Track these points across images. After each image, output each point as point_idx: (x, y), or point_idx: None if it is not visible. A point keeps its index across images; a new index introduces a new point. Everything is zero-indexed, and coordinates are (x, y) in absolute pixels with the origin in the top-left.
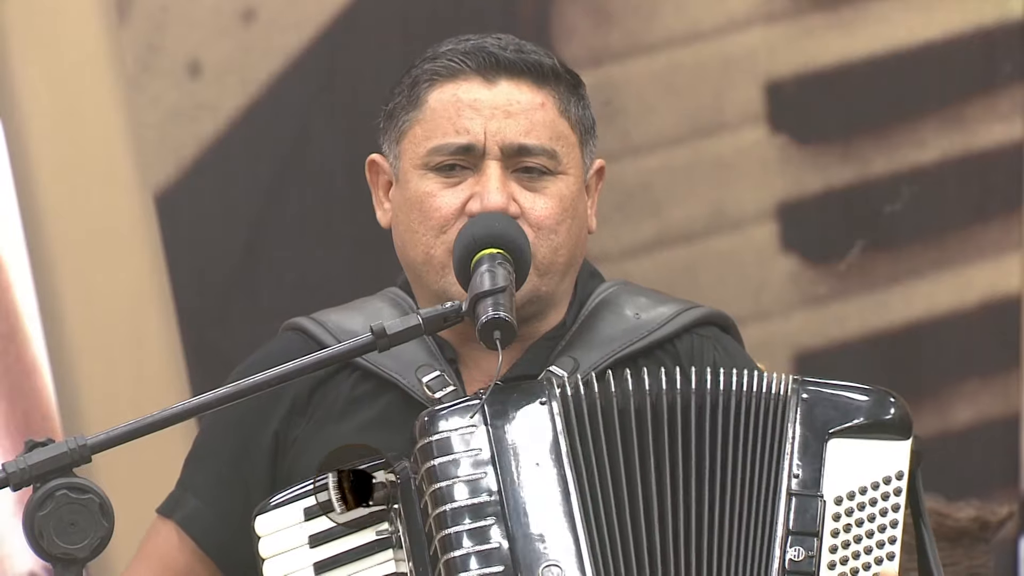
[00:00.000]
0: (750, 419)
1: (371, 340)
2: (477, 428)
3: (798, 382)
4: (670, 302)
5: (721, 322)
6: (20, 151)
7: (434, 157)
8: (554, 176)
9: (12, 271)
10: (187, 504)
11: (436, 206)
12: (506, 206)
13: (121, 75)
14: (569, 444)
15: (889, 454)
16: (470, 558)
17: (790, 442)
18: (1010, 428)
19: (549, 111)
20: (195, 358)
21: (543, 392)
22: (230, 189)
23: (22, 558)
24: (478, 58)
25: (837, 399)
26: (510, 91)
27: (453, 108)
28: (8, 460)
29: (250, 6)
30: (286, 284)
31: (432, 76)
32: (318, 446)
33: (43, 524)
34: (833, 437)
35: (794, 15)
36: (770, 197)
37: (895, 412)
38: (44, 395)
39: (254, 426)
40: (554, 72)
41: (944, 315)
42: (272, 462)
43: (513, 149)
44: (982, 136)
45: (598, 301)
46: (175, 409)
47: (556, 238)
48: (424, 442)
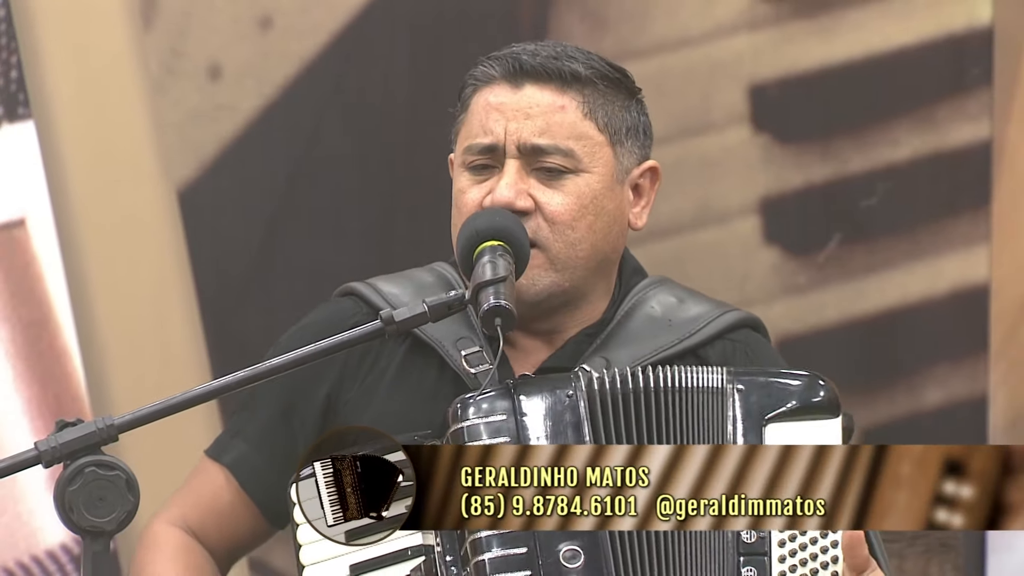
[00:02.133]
0: (695, 411)
1: (380, 327)
2: (507, 417)
3: (732, 374)
4: (703, 303)
5: (753, 324)
6: (52, 149)
7: (468, 156)
8: (574, 174)
9: (44, 262)
10: (236, 448)
11: (465, 201)
12: (513, 201)
13: (146, 78)
14: (593, 435)
15: (822, 433)
16: (494, 538)
17: (730, 432)
18: (978, 408)
19: (570, 113)
20: (215, 343)
21: (571, 385)
22: (248, 185)
23: (53, 530)
24: (506, 64)
25: (770, 386)
26: (532, 94)
27: (484, 111)
28: (40, 439)
29: (267, 14)
30: (300, 274)
31: (474, 82)
32: (370, 412)
33: (73, 499)
34: (770, 422)
35: (776, 23)
36: (753, 193)
37: (824, 394)
38: (74, 378)
39: (307, 383)
40: (577, 77)
41: (916, 303)
42: (322, 421)
43: (528, 148)
44: (952, 136)
45: (634, 301)
46: (197, 391)
47: (573, 233)
48: (456, 427)
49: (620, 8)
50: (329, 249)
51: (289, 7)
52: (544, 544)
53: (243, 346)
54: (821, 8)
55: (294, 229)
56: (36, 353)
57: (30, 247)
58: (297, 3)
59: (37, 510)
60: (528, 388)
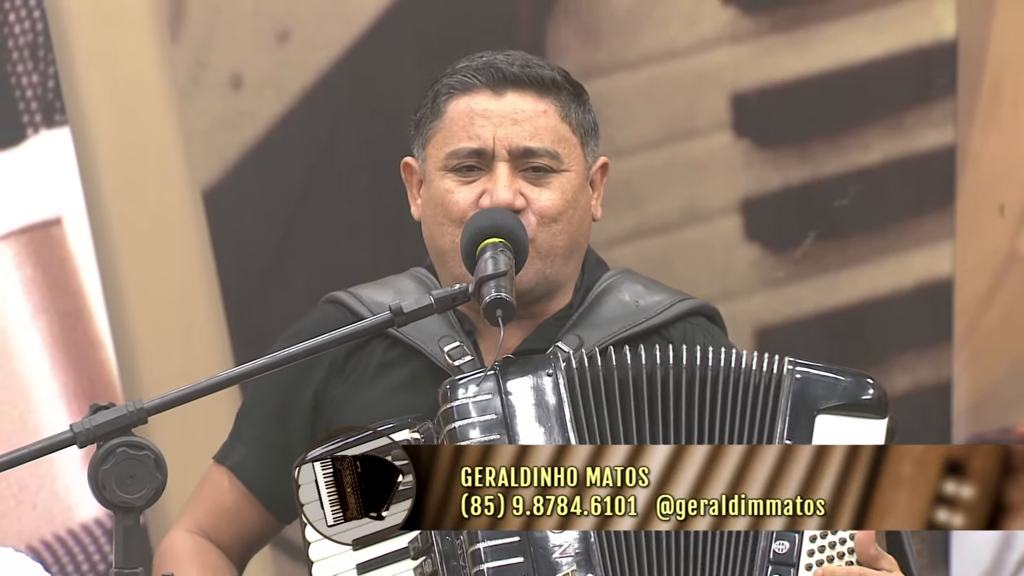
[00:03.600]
0: (747, 393)
1: (389, 317)
2: (492, 396)
3: (792, 363)
4: (665, 292)
5: (709, 312)
6: (86, 153)
7: (451, 160)
8: (557, 173)
9: (79, 258)
10: (237, 452)
11: (454, 201)
12: (512, 201)
13: (173, 87)
14: (572, 410)
15: (869, 431)
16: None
17: (782, 415)
18: (942, 394)
19: (551, 117)
20: (237, 333)
21: (550, 364)
22: (268, 187)
23: (87, 506)
24: (488, 73)
25: (825, 380)
26: (516, 101)
27: (467, 117)
28: (75, 421)
29: (285, 28)
30: (317, 269)
31: (450, 90)
32: (353, 404)
33: (105, 477)
34: (821, 413)
35: (756, 36)
36: (735, 193)
37: (874, 393)
38: (107, 365)
39: (296, 386)
40: (555, 83)
41: (885, 296)
42: (312, 417)
43: (520, 151)
44: (919, 141)
45: (603, 287)
46: (221, 377)
47: (556, 226)
48: (446, 407)
49: (612, 23)
50: (343, 247)
51: (306, 22)
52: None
53: (263, 336)
54: (798, 23)
55: (310, 228)
56: (72, 342)
57: (66, 244)
58: (313, 18)
59: (73, 487)
60: (511, 369)
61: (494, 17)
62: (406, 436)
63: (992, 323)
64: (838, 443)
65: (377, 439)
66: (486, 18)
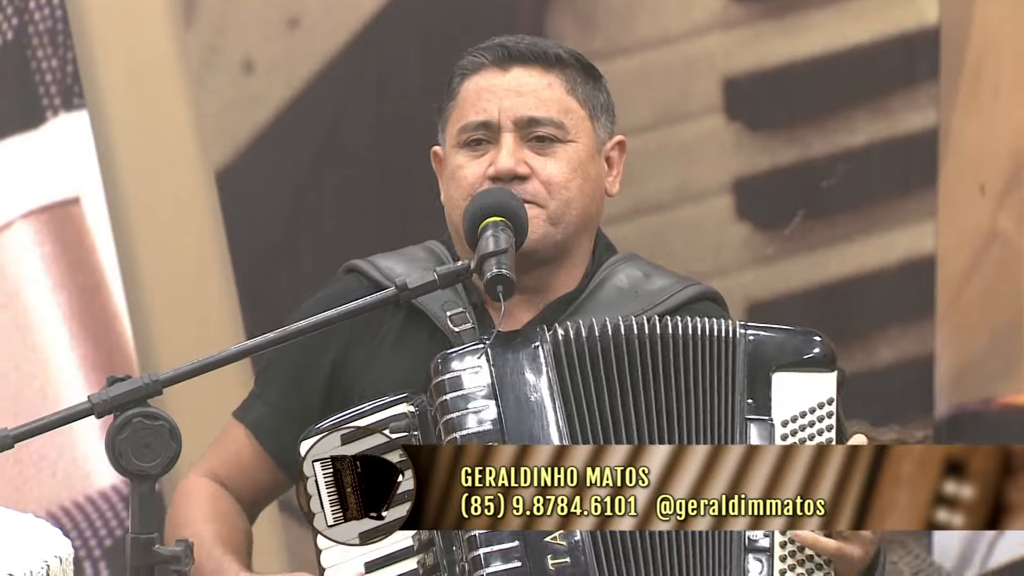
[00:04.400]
0: (704, 356)
1: (395, 293)
2: (482, 368)
3: (744, 326)
4: (669, 277)
5: (712, 296)
6: (104, 135)
7: (463, 135)
8: (563, 143)
9: (97, 235)
10: (256, 410)
11: (464, 175)
12: (514, 168)
13: (187, 72)
14: (559, 380)
15: (822, 384)
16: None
17: (741, 374)
18: (925, 366)
19: (556, 90)
20: (248, 307)
21: (536, 338)
22: (278, 167)
23: (105, 474)
24: (495, 52)
25: (776, 340)
26: (520, 75)
27: (475, 94)
28: (93, 393)
29: (295, 15)
30: (324, 245)
31: (462, 71)
32: (371, 371)
33: (122, 446)
34: (777, 371)
35: (747, 23)
36: (727, 174)
37: (823, 349)
38: (123, 338)
39: (315, 352)
40: (560, 59)
41: (871, 272)
42: (329, 383)
43: (524, 121)
44: (903, 123)
45: (605, 274)
46: (233, 350)
47: (567, 193)
48: (438, 380)
49: (607, 11)
50: (350, 224)
51: (314, 9)
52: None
53: (273, 310)
54: (787, 10)
55: (318, 206)
56: (90, 316)
57: (84, 222)
58: (321, 6)
59: (91, 455)
60: (500, 342)
61: (495, 4)
62: (403, 409)
63: (973, 298)
64: (793, 396)
65: (376, 412)
66: (487, 6)
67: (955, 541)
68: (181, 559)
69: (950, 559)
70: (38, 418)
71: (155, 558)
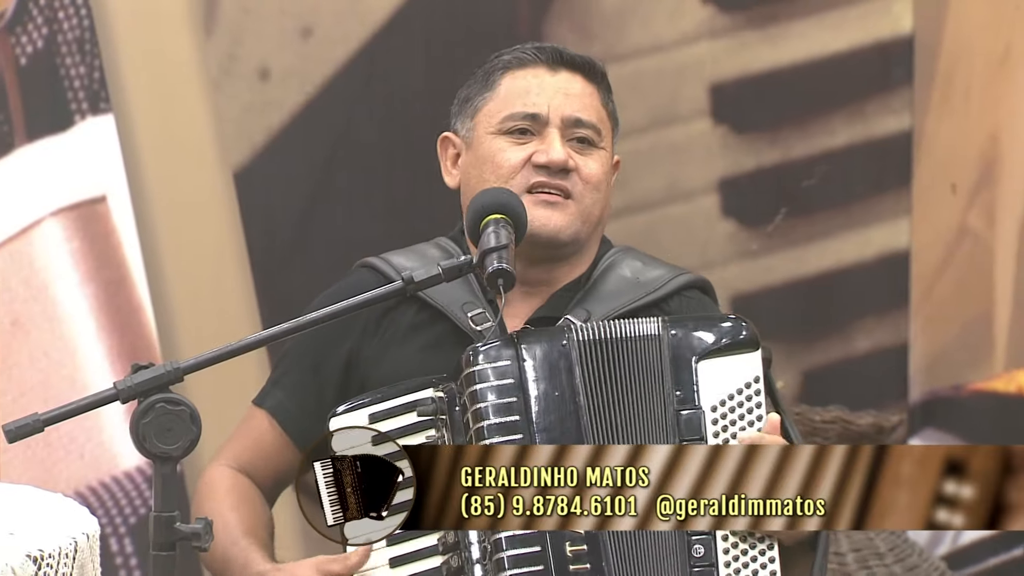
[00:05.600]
0: (637, 356)
1: (402, 286)
2: (510, 363)
3: (666, 323)
4: (663, 267)
5: (702, 285)
6: (128, 137)
7: (507, 123)
8: (598, 148)
9: (122, 232)
10: (275, 397)
11: (506, 158)
12: (566, 160)
13: (206, 78)
14: (582, 375)
15: (746, 364)
16: (516, 538)
17: (668, 370)
18: (900, 355)
19: (595, 99)
20: (265, 299)
21: (564, 335)
22: (292, 168)
23: (129, 456)
24: (547, 52)
25: (696, 331)
26: (568, 79)
27: (524, 87)
28: (118, 380)
29: (308, 25)
30: (335, 242)
31: (507, 65)
32: (386, 362)
33: (146, 429)
34: (701, 360)
35: (733, 32)
36: (713, 174)
37: (745, 331)
38: (147, 329)
39: (332, 341)
40: (601, 74)
41: (849, 267)
42: (345, 372)
43: (571, 121)
44: (879, 127)
45: (607, 263)
46: (250, 339)
47: (597, 193)
48: (468, 371)
49: (603, 20)
50: (360, 221)
51: (327, 19)
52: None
53: (288, 302)
54: (770, 20)
55: (330, 204)
56: (115, 307)
57: (110, 219)
58: (333, 16)
59: (116, 438)
60: (528, 338)
61: (496, 14)
62: (430, 394)
63: (945, 291)
64: (719, 381)
65: (405, 395)
66: (489, 15)
67: None
68: (201, 535)
69: (923, 536)
70: (67, 403)
71: (176, 535)
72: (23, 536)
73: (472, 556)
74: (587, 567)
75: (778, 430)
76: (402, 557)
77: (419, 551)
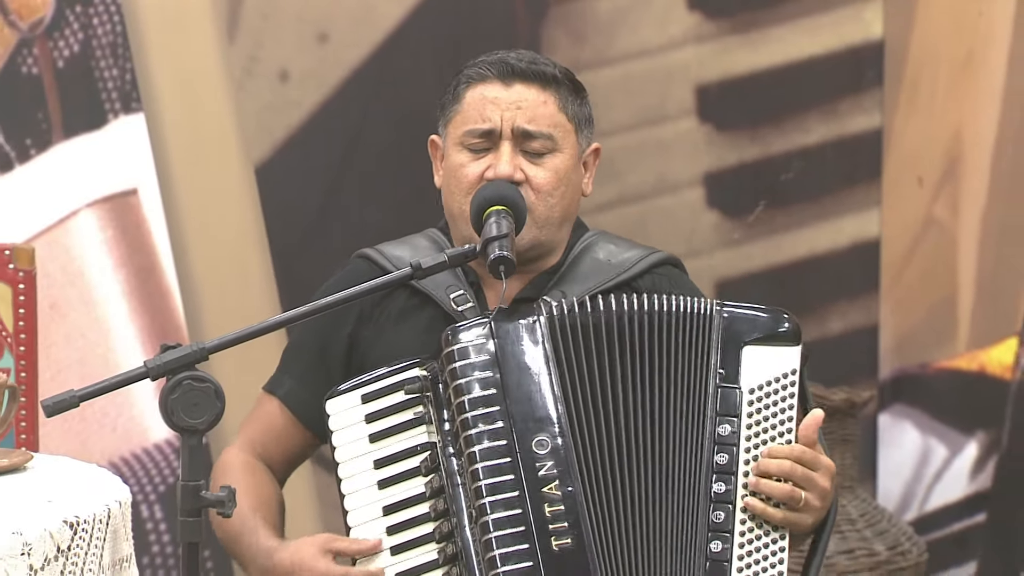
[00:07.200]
0: (683, 331)
1: (410, 272)
2: (487, 340)
3: (719, 304)
4: (635, 248)
5: (673, 261)
6: (158, 134)
7: (467, 138)
8: (552, 154)
9: (152, 222)
10: (285, 383)
11: (465, 173)
12: (512, 174)
13: (230, 80)
14: (553, 351)
15: (786, 357)
16: (482, 435)
17: (715, 348)
18: (871, 336)
19: (550, 107)
20: (284, 284)
21: (535, 313)
22: (310, 163)
23: (158, 430)
24: (499, 67)
25: (747, 316)
26: (521, 91)
27: (480, 103)
28: (148, 359)
29: (324, 31)
30: (350, 230)
31: (468, 79)
32: (380, 344)
33: (173, 405)
34: (747, 345)
35: (717, 37)
36: (698, 169)
37: (789, 326)
38: (175, 312)
39: (334, 328)
40: (555, 79)
41: (823, 254)
42: (347, 355)
43: (521, 132)
44: (851, 125)
45: (582, 247)
46: (270, 321)
47: (551, 199)
48: (448, 349)
49: (595, 26)
50: (372, 212)
51: (342, 25)
52: (520, 437)
53: (305, 287)
54: (751, 26)
55: (345, 197)
56: (146, 292)
57: (141, 210)
58: (348, 22)
59: (146, 413)
60: (502, 317)
61: (496, 21)
62: (416, 373)
63: (912, 277)
64: (761, 367)
65: (393, 376)
66: (490, 22)
67: (897, 487)
68: (225, 503)
69: (892, 503)
70: (101, 380)
71: (202, 502)
72: (60, 503)
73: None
74: (568, 542)
75: (820, 424)
76: (401, 546)
77: (395, 426)
